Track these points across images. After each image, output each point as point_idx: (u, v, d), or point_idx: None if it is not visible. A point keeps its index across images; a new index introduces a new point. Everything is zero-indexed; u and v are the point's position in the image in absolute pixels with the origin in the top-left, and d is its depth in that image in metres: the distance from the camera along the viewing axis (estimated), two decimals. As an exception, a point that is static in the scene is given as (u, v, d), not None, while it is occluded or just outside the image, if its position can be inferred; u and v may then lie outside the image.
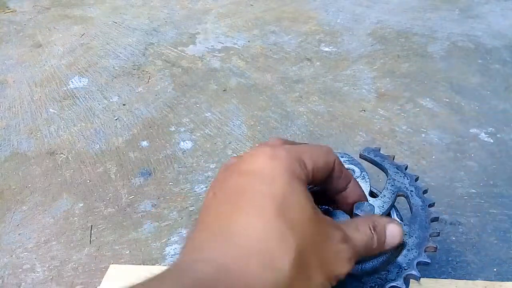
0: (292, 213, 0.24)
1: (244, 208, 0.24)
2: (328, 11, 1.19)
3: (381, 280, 0.30)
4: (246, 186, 0.25)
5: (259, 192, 0.24)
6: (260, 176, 0.25)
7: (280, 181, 0.25)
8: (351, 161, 0.40)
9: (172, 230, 0.60)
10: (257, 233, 0.23)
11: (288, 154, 0.26)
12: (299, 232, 0.23)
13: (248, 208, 0.24)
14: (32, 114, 0.87)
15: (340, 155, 0.41)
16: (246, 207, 0.24)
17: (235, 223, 0.23)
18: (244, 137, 0.76)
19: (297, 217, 0.24)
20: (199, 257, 0.23)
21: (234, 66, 0.98)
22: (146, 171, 0.71)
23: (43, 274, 0.56)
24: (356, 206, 0.31)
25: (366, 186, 0.37)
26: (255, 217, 0.23)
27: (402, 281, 0.30)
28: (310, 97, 0.85)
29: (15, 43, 1.15)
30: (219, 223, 0.24)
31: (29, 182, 0.70)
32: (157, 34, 1.13)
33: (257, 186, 0.24)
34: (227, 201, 0.25)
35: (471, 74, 0.89)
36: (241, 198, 0.24)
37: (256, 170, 0.25)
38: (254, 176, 0.25)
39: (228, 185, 0.26)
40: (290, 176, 0.25)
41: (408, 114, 0.79)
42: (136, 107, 0.86)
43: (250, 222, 0.23)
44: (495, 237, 0.55)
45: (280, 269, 0.22)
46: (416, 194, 0.37)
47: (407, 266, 0.31)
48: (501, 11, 1.12)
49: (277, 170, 0.25)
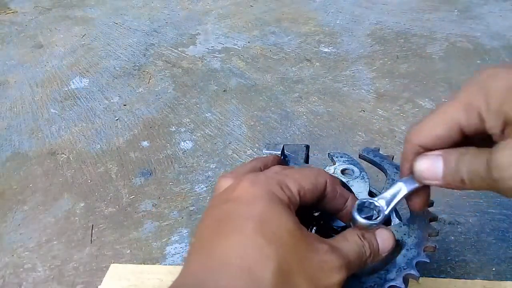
0: (271, 229, 0.25)
1: (226, 231, 0.25)
2: (328, 12, 1.19)
3: (381, 279, 0.31)
4: (229, 212, 0.27)
5: (240, 215, 0.26)
6: (241, 201, 0.27)
7: (259, 203, 0.26)
8: (350, 161, 0.40)
9: (172, 230, 0.60)
10: (237, 250, 0.24)
11: (268, 179, 0.28)
12: (279, 245, 0.24)
13: (229, 231, 0.25)
14: (33, 115, 0.87)
15: (340, 155, 0.41)
16: (227, 230, 0.25)
17: (217, 245, 0.25)
18: (244, 137, 0.77)
19: (277, 231, 0.25)
20: (182, 273, 0.25)
21: (234, 66, 0.98)
22: (146, 171, 0.71)
23: (44, 273, 0.56)
24: (357, 206, 0.31)
25: (365, 186, 0.37)
26: (235, 237, 0.25)
27: (401, 280, 0.30)
28: (309, 98, 0.86)
29: (16, 44, 1.15)
30: (204, 246, 0.26)
31: (30, 182, 0.71)
32: (158, 35, 1.14)
33: (238, 210, 0.26)
34: (212, 226, 0.27)
35: (470, 74, 0.89)
36: (224, 223, 0.26)
37: (238, 196, 0.27)
38: (236, 202, 0.27)
39: (214, 212, 0.28)
40: (269, 198, 0.27)
41: (407, 114, 0.79)
42: (137, 108, 0.87)
43: (230, 242, 0.25)
44: (494, 237, 0.55)
45: (261, 281, 0.23)
46: None
47: (406, 266, 0.31)
48: (499, 12, 1.12)
49: (257, 194, 0.27)
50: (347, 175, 0.39)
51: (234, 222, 0.26)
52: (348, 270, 0.27)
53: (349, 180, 0.38)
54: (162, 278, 0.52)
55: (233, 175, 0.32)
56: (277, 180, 0.28)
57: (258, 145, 0.74)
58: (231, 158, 0.72)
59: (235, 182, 0.29)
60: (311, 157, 0.71)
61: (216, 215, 0.27)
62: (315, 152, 0.71)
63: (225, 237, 0.25)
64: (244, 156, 0.72)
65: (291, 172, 0.30)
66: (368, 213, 0.30)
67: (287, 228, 0.25)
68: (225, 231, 0.25)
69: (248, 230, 0.25)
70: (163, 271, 0.53)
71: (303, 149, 0.45)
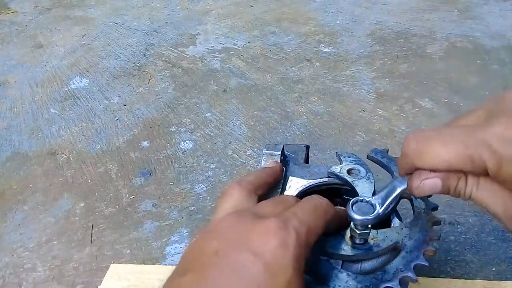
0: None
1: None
2: (328, 12, 1.19)
3: (377, 280, 0.31)
4: (251, 269, 0.25)
5: (259, 283, 0.24)
6: (266, 263, 0.25)
7: (285, 277, 0.25)
8: (357, 162, 0.40)
9: (172, 230, 0.60)
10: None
11: (298, 242, 0.26)
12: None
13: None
14: (33, 115, 0.87)
15: (347, 155, 0.41)
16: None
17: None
18: (244, 137, 0.77)
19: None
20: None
21: (234, 66, 0.98)
22: (146, 171, 0.71)
23: (44, 273, 0.56)
24: (355, 209, 0.31)
25: (370, 187, 0.37)
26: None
27: (397, 282, 0.30)
28: (309, 98, 0.86)
29: (16, 44, 1.15)
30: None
31: (30, 182, 0.71)
32: (158, 35, 1.14)
33: (261, 275, 0.24)
34: (229, 275, 0.25)
35: (470, 74, 0.89)
36: (242, 281, 0.24)
37: (263, 254, 0.25)
38: (261, 261, 0.25)
39: (234, 257, 0.25)
40: (293, 271, 0.25)
41: (407, 114, 0.79)
42: (137, 108, 0.87)
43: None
44: (494, 237, 0.55)
45: None
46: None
47: (404, 268, 0.31)
48: (499, 12, 1.12)
49: (284, 262, 0.25)
50: (353, 175, 0.39)
51: (252, 284, 0.24)
52: None
53: (355, 180, 0.38)
54: (162, 278, 0.52)
55: (245, 185, 0.32)
56: (306, 242, 0.27)
57: (258, 145, 0.74)
58: (231, 158, 0.72)
59: (263, 224, 0.27)
60: (311, 157, 0.71)
61: (237, 267, 0.25)
62: (315, 152, 0.71)
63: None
64: (244, 156, 0.72)
65: (312, 220, 0.28)
66: (363, 210, 0.31)
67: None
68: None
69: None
70: (163, 271, 0.53)
71: (303, 149, 0.45)
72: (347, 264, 0.34)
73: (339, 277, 0.31)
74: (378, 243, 0.33)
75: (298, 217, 0.28)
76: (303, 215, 0.28)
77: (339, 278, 0.31)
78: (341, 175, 0.39)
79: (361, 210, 0.31)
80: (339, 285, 0.30)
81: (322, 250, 0.32)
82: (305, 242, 0.27)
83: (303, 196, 0.39)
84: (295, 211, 0.29)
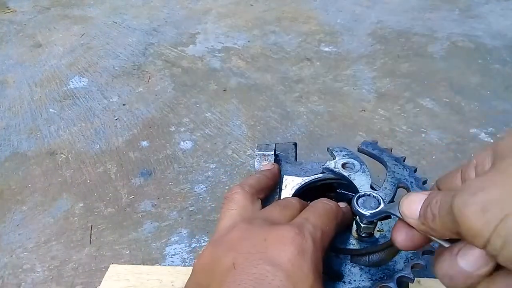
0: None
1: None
2: (328, 11, 1.19)
3: (389, 271, 0.31)
4: (271, 280, 0.24)
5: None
6: (286, 273, 0.24)
7: (305, 284, 0.24)
8: (350, 155, 0.40)
9: (172, 230, 0.60)
10: None
11: (315, 247, 0.26)
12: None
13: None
14: (32, 114, 0.87)
15: (339, 149, 0.41)
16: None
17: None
18: (244, 137, 0.76)
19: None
20: None
21: (234, 66, 0.98)
22: (146, 171, 0.71)
23: (43, 274, 0.56)
24: (360, 202, 0.31)
25: (367, 179, 0.37)
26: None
27: (409, 270, 0.30)
28: (310, 97, 0.85)
29: (15, 43, 1.15)
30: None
31: (29, 182, 0.70)
32: (157, 34, 1.13)
33: (283, 284, 0.24)
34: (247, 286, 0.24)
35: (471, 74, 0.89)
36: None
37: (283, 264, 0.25)
38: (281, 271, 0.24)
39: (252, 270, 0.25)
40: (314, 277, 0.25)
41: (408, 114, 0.79)
42: (136, 107, 0.86)
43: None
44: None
45: None
46: (416, 185, 0.37)
47: (414, 256, 0.31)
48: (501, 11, 1.12)
49: (304, 270, 0.25)
50: (348, 169, 0.39)
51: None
52: None
53: (351, 174, 0.38)
54: (162, 278, 0.51)
55: (248, 190, 0.32)
56: (322, 246, 0.27)
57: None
58: (231, 158, 0.72)
59: (278, 233, 0.26)
60: (312, 157, 0.71)
61: (257, 278, 0.24)
62: (316, 152, 0.71)
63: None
64: (244, 156, 0.72)
65: (325, 224, 0.28)
66: (368, 203, 0.30)
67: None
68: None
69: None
70: (162, 271, 0.53)
71: (292, 147, 0.45)
72: (355, 258, 0.34)
73: (352, 271, 0.31)
74: (384, 234, 0.33)
75: (311, 222, 0.28)
76: (316, 220, 0.28)
77: (352, 273, 0.31)
78: (337, 170, 0.39)
79: (366, 204, 0.31)
80: (354, 279, 0.31)
81: (331, 246, 0.32)
82: (321, 247, 0.27)
83: (301, 194, 0.39)
84: (307, 216, 0.28)
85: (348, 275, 0.31)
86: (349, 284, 0.30)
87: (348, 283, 0.30)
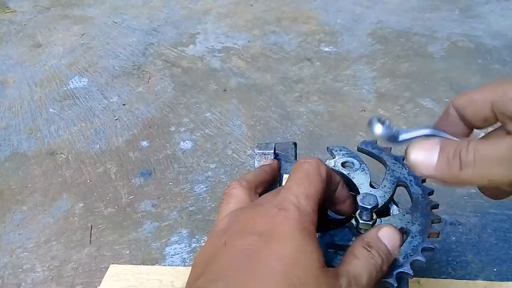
0: (298, 274, 0.24)
1: (255, 273, 0.24)
2: (328, 11, 1.19)
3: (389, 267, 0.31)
4: (259, 249, 0.25)
5: (271, 256, 0.25)
6: (273, 237, 0.26)
7: (292, 242, 0.25)
8: (350, 154, 0.41)
9: (172, 230, 0.60)
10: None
11: (299, 212, 0.27)
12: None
13: (258, 273, 0.24)
14: (32, 114, 0.87)
15: (339, 148, 0.42)
16: (257, 271, 0.24)
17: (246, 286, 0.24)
18: (244, 137, 0.76)
19: (303, 278, 0.24)
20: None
21: (234, 66, 0.98)
22: (146, 171, 0.71)
23: (43, 274, 0.56)
24: (360, 198, 0.32)
25: (366, 178, 0.38)
26: (265, 283, 0.24)
27: (409, 266, 0.30)
28: (310, 97, 0.85)
29: (15, 43, 1.15)
30: (231, 284, 0.24)
31: (29, 182, 0.70)
32: (157, 34, 1.13)
33: (271, 249, 0.25)
34: (239, 265, 0.25)
35: (471, 74, 0.89)
36: (253, 261, 0.25)
37: (270, 231, 0.26)
38: (268, 238, 0.26)
39: (241, 242, 0.26)
40: (302, 236, 0.26)
41: (408, 114, 0.79)
42: (136, 107, 0.86)
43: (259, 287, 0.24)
44: (495, 237, 0.55)
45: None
46: (415, 183, 0.38)
47: (413, 252, 0.32)
48: (501, 11, 1.12)
49: (290, 231, 0.26)
50: (348, 167, 0.40)
51: (263, 262, 0.25)
52: (373, 285, 0.27)
53: (350, 172, 0.39)
54: (162, 278, 0.52)
55: (246, 184, 0.32)
56: (307, 207, 0.27)
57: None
58: (231, 158, 0.72)
59: (264, 211, 0.28)
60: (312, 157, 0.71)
61: (242, 246, 0.26)
62: (316, 152, 0.71)
63: (255, 281, 0.24)
64: (244, 156, 0.72)
65: (308, 187, 0.29)
66: (367, 200, 0.32)
67: (314, 275, 0.25)
68: (253, 273, 0.24)
69: (277, 276, 0.24)
70: (162, 271, 0.53)
71: (292, 146, 0.46)
72: None
73: None
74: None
75: (293, 192, 0.28)
76: (298, 188, 0.29)
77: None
78: (336, 169, 0.39)
79: (365, 201, 0.32)
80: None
81: (330, 243, 0.33)
82: (308, 209, 0.27)
83: None
84: (289, 186, 0.29)
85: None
86: None
87: None
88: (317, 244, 0.27)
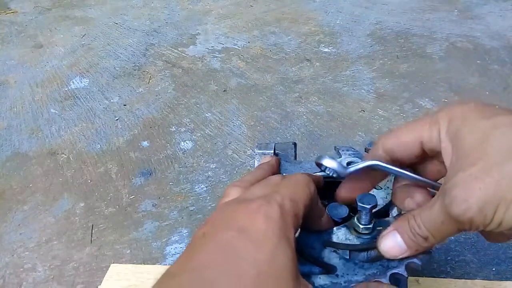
0: (271, 281, 0.24)
1: (228, 273, 0.24)
2: (328, 12, 1.19)
3: (383, 267, 0.31)
4: (236, 247, 0.25)
5: (246, 257, 0.25)
6: (251, 237, 0.26)
7: (269, 245, 0.25)
8: (356, 155, 0.41)
9: (172, 230, 0.60)
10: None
11: (283, 212, 0.27)
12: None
13: (230, 274, 0.24)
14: (33, 115, 0.87)
15: (346, 148, 0.42)
16: (230, 272, 0.24)
17: (217, 285, 0.24)
18: (244, 137, 0.77)
19: (275, 284, 0.25)
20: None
21: (234, 66, 0.98)
22: (146, 171, 0.71)
23: (44, 273, 0.56)
24: (359, 198, 0.32)
25: None
26: (235, 283, 0.24)
27: (403, 268, 0.30)
28: (309, 98, 0.86)
29: (16, 44, 1.15)
30: (203, 280, 0.24)
31: (30, 182, 0.71)
32: (158, 35, 1.14)
33: (246, 249, 0.25)
34: (214, 256, 0.25)
35: (470, 74, 0.89)
36: (228, 259, 0.25)
37: (249, 229, 0.26)
38: (246, 236, 0.26)
39: (220, 236, 0.26)
40: (278, 241, 0.26)
41: (407, 114, 0.79)
42: (137, 108, 0.87)
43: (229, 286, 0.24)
44: (494, 237, 0.55)
45: None
46: None
47: None
48: (499, 12, 1.12)
49: (268, 234, 0.26)
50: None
51: (238, 265, 0.25)
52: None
53: None
54: (162, 278, 0.52)
55: (242, 185, 0.33)
56: (290, 211, 0.28)
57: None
58: (231, 158, 0.72)
59: (247, 205, 0.28)
60: (311, 157, 0.71)
61: (219, 241, 0.26)
62: (315, 152, 0.71)
63: (227, 279, 0.24)
64: (244, 156, 0.72)
65: (294, 192, 0.29)
66: (366, 200, 0.32)
67: (286, 283, 0.25)
68: (227, 272, 0.24)
69: (248, 280, 0.24)
70: (163, 271, 0.53)
71: (291, 146, 0.46)
72: (354, 253, 0.34)
73: (346, 266, 0.32)
74: (381, 231, 0.34)
75: (280, 193, 0.29)
76: (285, 190, 0.29)
77: (346, 267, 0.31)
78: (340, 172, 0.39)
79: (365, 201, 0.32)
80: (347, 273, 0.31)
81: (329, 241, 0.33)
82: (291, 213, 0.28)
83: None
84: (277, 189, 0.30)
85: (342, 269, 0.31)
86: (342, 277, 0.31)
87: (341, 276, 0.31)
88: (293, 250, 0.26)
